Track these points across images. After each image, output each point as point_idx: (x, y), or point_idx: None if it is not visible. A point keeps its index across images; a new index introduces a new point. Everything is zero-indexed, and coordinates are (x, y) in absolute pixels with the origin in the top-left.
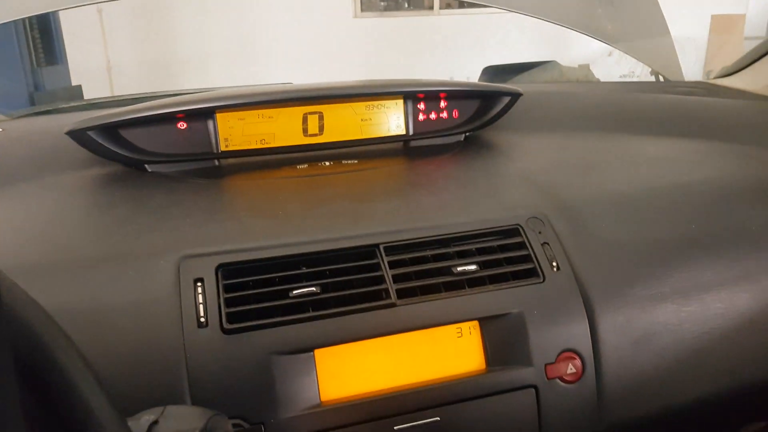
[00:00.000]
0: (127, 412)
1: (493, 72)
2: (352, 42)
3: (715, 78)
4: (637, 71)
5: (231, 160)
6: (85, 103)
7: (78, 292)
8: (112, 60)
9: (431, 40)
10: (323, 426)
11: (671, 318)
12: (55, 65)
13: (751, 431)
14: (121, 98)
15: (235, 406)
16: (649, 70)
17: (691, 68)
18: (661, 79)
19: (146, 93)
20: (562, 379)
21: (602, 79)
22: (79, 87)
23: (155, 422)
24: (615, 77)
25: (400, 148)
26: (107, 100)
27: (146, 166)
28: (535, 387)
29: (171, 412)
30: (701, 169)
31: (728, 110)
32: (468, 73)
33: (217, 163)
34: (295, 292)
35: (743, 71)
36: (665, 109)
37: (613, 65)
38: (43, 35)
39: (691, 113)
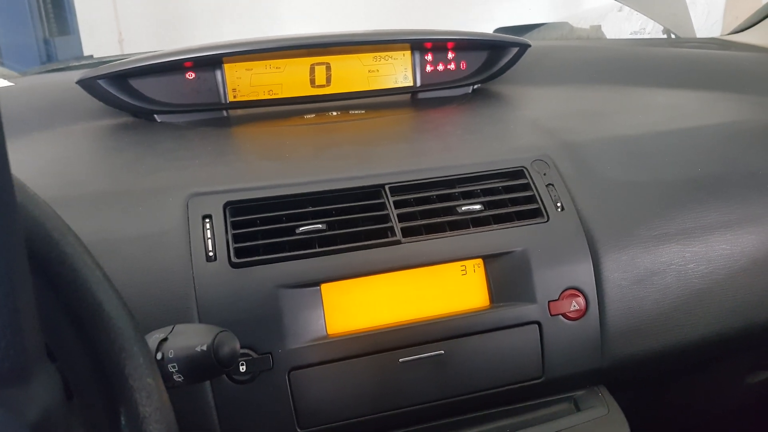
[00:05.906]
0: None
1: (505, 33)
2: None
3: (727, 34)
4: (648, 28)
5: (239, 111)
6: (94, 61)
7: (90, 224)
8: (123, 32)
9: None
10: (330, 356)
11: (675, 258)
12: (67, 35)
13: (756, 380)
14: (131, 56)
15: (243, 337)
16: (661, 27)
17: (702, 24)
18: (672, 36)
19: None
20: (565, 315)
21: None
22: (90, 57)
23: (164, 339)
24: (625, 35)
25: (408, 100)
26: (117, 57)
27: (155, 116)
28: (538, 323)
29: (179, 330)
30: (710, 115)
31: (739, 62)
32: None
33: (225, 113)
34: (301, 228)
35: (756, 26)
36: (675, 62)
37: (623, 21)
38: (54, 5)
39: (702, 65)
